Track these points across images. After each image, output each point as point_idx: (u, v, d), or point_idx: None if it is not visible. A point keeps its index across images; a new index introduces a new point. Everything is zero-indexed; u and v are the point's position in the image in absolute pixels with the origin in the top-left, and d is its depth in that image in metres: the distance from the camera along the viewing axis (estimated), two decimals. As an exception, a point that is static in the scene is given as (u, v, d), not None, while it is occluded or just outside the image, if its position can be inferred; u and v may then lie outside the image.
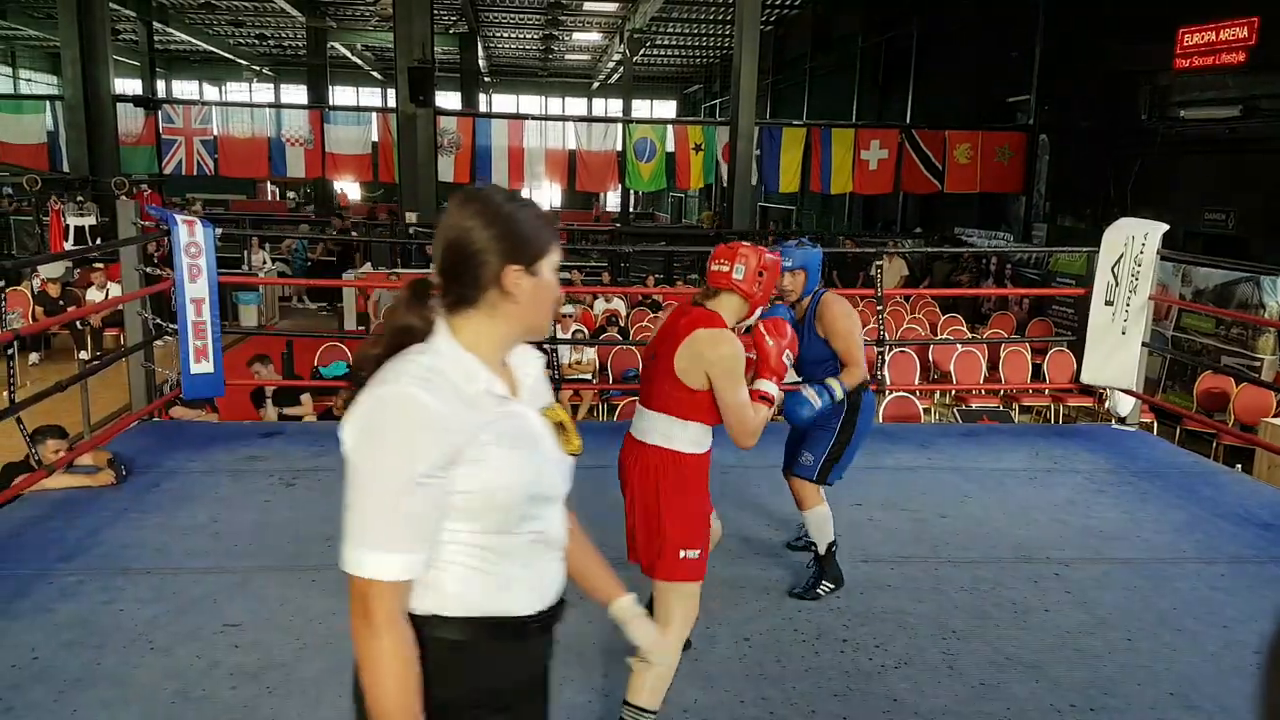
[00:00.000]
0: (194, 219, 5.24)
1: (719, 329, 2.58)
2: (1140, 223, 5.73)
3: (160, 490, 4.48)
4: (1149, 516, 4.54)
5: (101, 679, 2.90)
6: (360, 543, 1.30)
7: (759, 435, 2.63)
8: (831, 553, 3.60)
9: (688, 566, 2.59)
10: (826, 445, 3.56)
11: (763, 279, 2.70)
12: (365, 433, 1.31)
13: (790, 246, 3.61)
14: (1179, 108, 12.86)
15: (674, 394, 2.59)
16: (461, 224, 1.39)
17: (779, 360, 2.67)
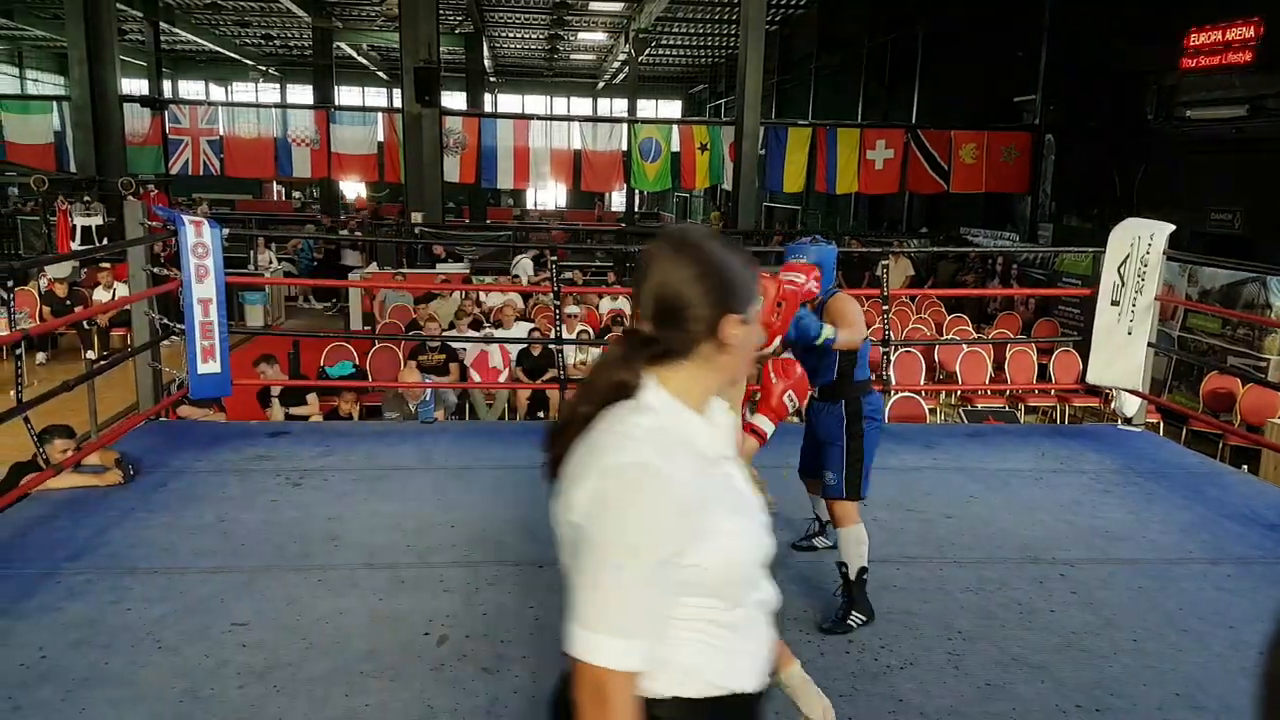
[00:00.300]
0: (201, 219, 5.26)
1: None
2: (1146, 223, 5.72)
3: (167, 490, 4.50)
4: (1155, 517, 4.53)
5: (109, 678, 2.91)
6: (597, 627, 1.21)
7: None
8: (863, 580, 3.40)
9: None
10: (842, 459, 3.49)
11: (781, 310, 2.70)
12: (606, 508, 1.22)
13: (804, 244, 3.58)
14: (1185, 107, 12.83)
15: None
16: (677, 273, 1.32)
17: (780, 400, 2.68)
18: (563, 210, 36.96)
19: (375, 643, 3.17)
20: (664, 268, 1.34)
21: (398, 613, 3.37)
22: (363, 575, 3.65)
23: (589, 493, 1.24)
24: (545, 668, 3.06)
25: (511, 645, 3.19)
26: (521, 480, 4.79)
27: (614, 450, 1.26)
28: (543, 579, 3.68)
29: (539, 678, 3.00)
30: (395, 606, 3.41)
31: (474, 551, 3.94)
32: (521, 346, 8.72)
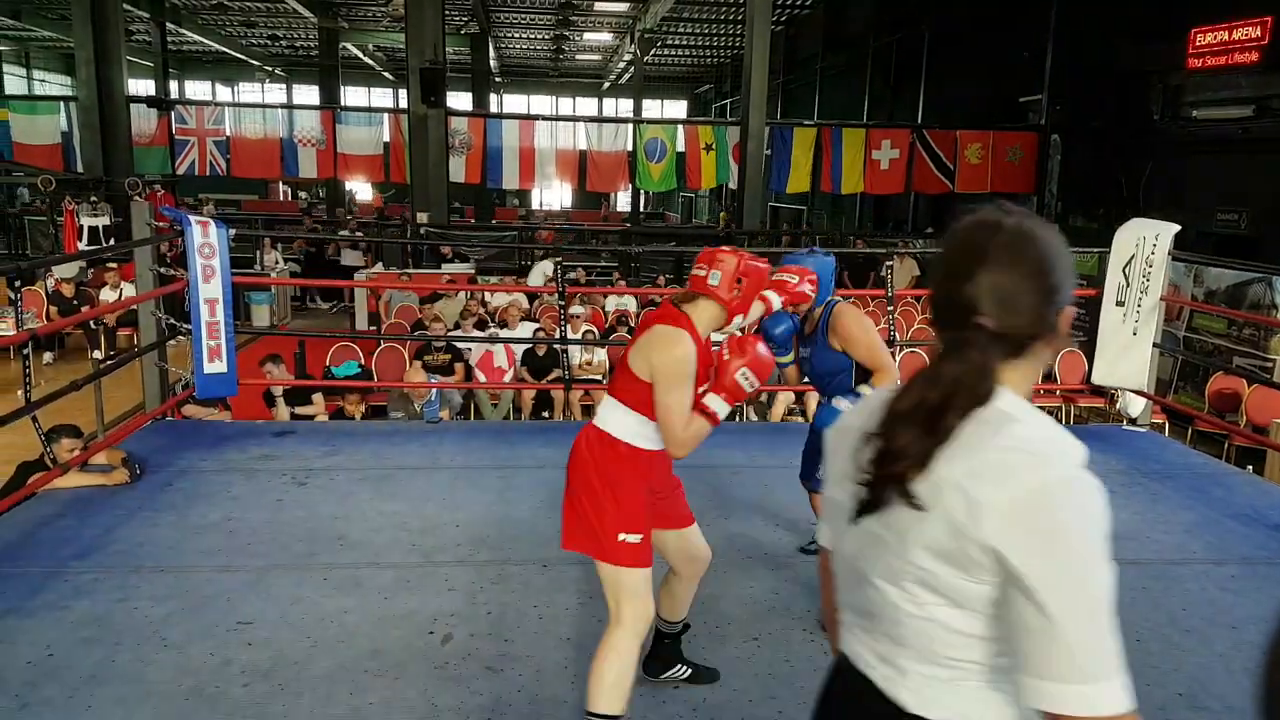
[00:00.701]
0: (207, 220, 5.28)
1: (677, 329, 2.53)
2: (1151, 223, 5.72)
3: (173, 489, 4.52)
4: (1159, 517, 4.53)
5: (116, 676, 2.93)
6: (1098, 674, 1.08)
7: (690, 448, 2.57)
8: None
9: (629, 550, 2.53)
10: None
11: (741, 285, 2.62)
12: (1068, 533, 1.10)
13: (801, 255, 3.53)
14: (1191, 108, 12.81)
15: (624, 382, 2.58)
16: (1025, 264, 1.21)
17: (734, 380, 2.54)
18: (568, 210, 36.99)
19: (380, 641, 3.18)
20: (1008, 257, 1.21)
21: (402, 612, 3.38)
22: (367, 574, 3.67)
23: (1026, 517, 1.10)
24: (549, 667, 3.07)
25: (515, 644, 3.20)
26: (526, 480, 4.81)
27: (1042, 466, 1.13)
28: (546, 578, 3.70)
29: (542, 677, 3.01)
30: (400, 605, 3.42)
31: (478, 551, 3.96)
32: (527, 347, 8.73)
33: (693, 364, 2.51)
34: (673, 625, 2.99)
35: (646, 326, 2.62)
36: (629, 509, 2.55)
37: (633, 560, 2.54)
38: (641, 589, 2.56)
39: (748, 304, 2.66)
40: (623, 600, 2.55)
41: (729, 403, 2.57)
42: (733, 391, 2.55)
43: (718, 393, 2.56)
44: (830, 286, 3.52)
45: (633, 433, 2.58)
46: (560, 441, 5.47)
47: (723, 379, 2.55)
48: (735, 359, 2.54)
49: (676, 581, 2.93)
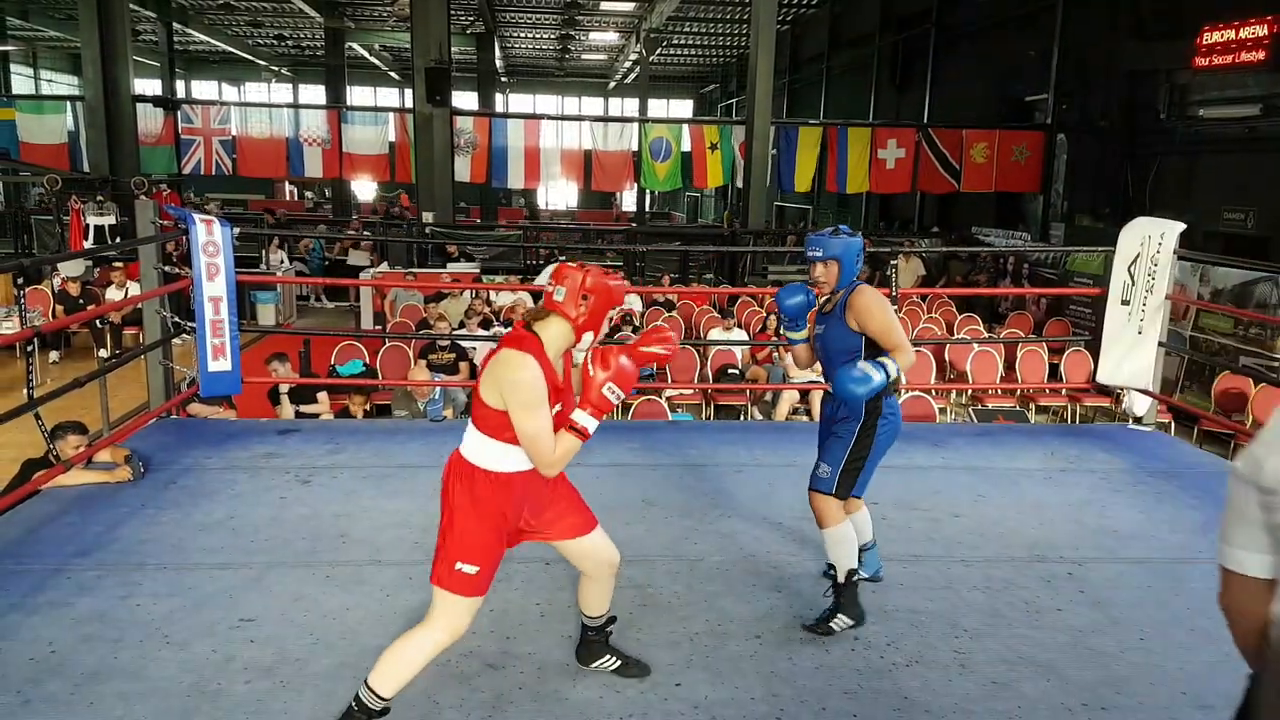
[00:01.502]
0: (212, 218, 5.29)
1: (520, 354, 2.49)
2: (1157, 222, 5.69)
3: (177, 487, 4.52)
4: (1164, 517, 4.51)
5: (118, 673, 2.93)
6: None
7: (561, 466, 2.57)
8: (854, 582, 3.29)
9: (462, 580, 2.54)
10: (843, 454, 3.32)
11: (587, 303, 2.56)
12: None
13: (824, 235, 3.40)
14: (1198, 106, 12.77)
15: (480, 408, 2.56)
16: None
17: (600, 395, 2.53)
18: (574, 210, 36.99)
19: (382, 638, 3.17)
20: None
21: (405, 609, 3.38)
22: (370, 572, 3.66)
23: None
24: (550, 664, 3.07)
25: (517, 641, 3.20)
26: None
27: None
28: (548, 575, 3.69)
29: (544, 674, 3.01)
30: (402, 603, 3.42)
31: (481, 549, 3.95)
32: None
33: (541, 386, 2.48)
34: (595, 619, 2.99)
35: (499, 349, 2.59)
36: (473, 540, 2.55)
37: (462, 589, 2.55)
38: (455, 614, 2.57)
39: (597, 320, 2.61)
40: (441, 612, 2.57)
41: (596, 417, 2.56)
42: (599, 405, 2.54)
43: (584, 408, 2.56)
44: (854, 269, 3.41)
45: (494, 459, 2.58)
46: (564, 440, 5.49)
47: (588, 394, 2.55)
48: (599, 372, 2.54)
49: (588, 581, 2.91)
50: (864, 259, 3.43)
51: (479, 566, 2.55)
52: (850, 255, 3.36)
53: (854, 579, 3.28)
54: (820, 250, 3.35)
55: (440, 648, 2.60)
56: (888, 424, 3.36)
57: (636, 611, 3.41)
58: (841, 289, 3.38)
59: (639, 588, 3.60)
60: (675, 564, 3.82)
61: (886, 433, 3.37)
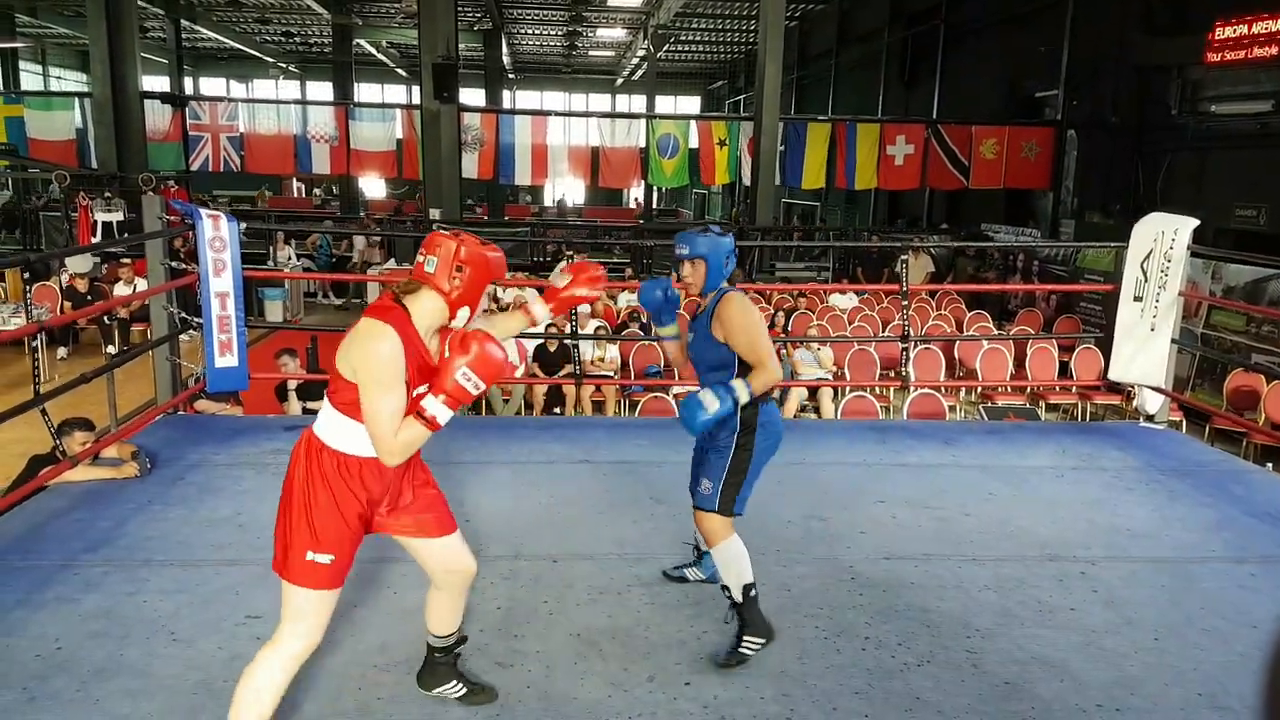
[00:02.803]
0: (218, 214, 5.27)
1: (380, 324, 2.28)
2: (1170, 218, 5.64)
3: (184, 483, 4.51)
4: (1177, 515, 4.47)
5: (124, 669, 2.92)
6: None
7: (403, 456, 2.36)
8: (752, 597, 3.06)
9: (314, 571, 2.33)
10: (723, 469, 3.08)
11: (462, 275, 2.34)
12: None
13: (692, 233, 3.14)
14: (1210, 102, 12.69)
15: (334, 383, 2.37)
16: None
17: (455, 381, 2.27)
18: (579, 207, 36.96)
19: (388, 636, 3.16)
20: None
21: (411, 607, 3.35)
22: (377, 570, 3.64)
23: None
24: (559, 663, 3.04)
25: (525, 640, 3.18)
26: (537, 476, 4.79)
27: None
28: (556, 574, 3.67)
29: (552, 673, 2.98)
30: (408, 601, 3.40)
31: (489, 546, 3.93)
32: (538, 343, 8.71)
33: (398, 362, 2.27)
34: (443, 639, 2.78)
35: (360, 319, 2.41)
36: (323, 525, 2.35)
37: (312, 581, 2.34)
38: (311, 611, 2.37)
39: (473, 295, 2.39)
40: (287, 615, 2.37)
41: (450, 406, 2.31)
42: (454, 394, 2.29)
43: (436, 394, 2.30)
44: (722, 271, 3.13)
45: (344, 439, 2.38)
46: (572, 438, 5.46)
47: (442, 380, 2.29)
48: (457, 356, 2.29)
49: (436, 593, 2.72)
50: (735, 260, 3.18)
51: (333, 555, 2.35)
52: (718, 255, 3.11)
53: (751, 594, 3.06)
54: (686, 248, 3.11)
55: (298, 661, 2.39)
56: (766, 434, 3.11)
57: (644, 610, 3.39)
58: (710, 291, 3.16)
59: (646, 586, 3.58)
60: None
61: (766, 444, 3.12)
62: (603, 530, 4.13)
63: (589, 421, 7.29)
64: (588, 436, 5.53)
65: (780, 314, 10.56)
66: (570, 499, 4.48)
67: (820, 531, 4.12)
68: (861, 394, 7.33)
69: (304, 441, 2.44)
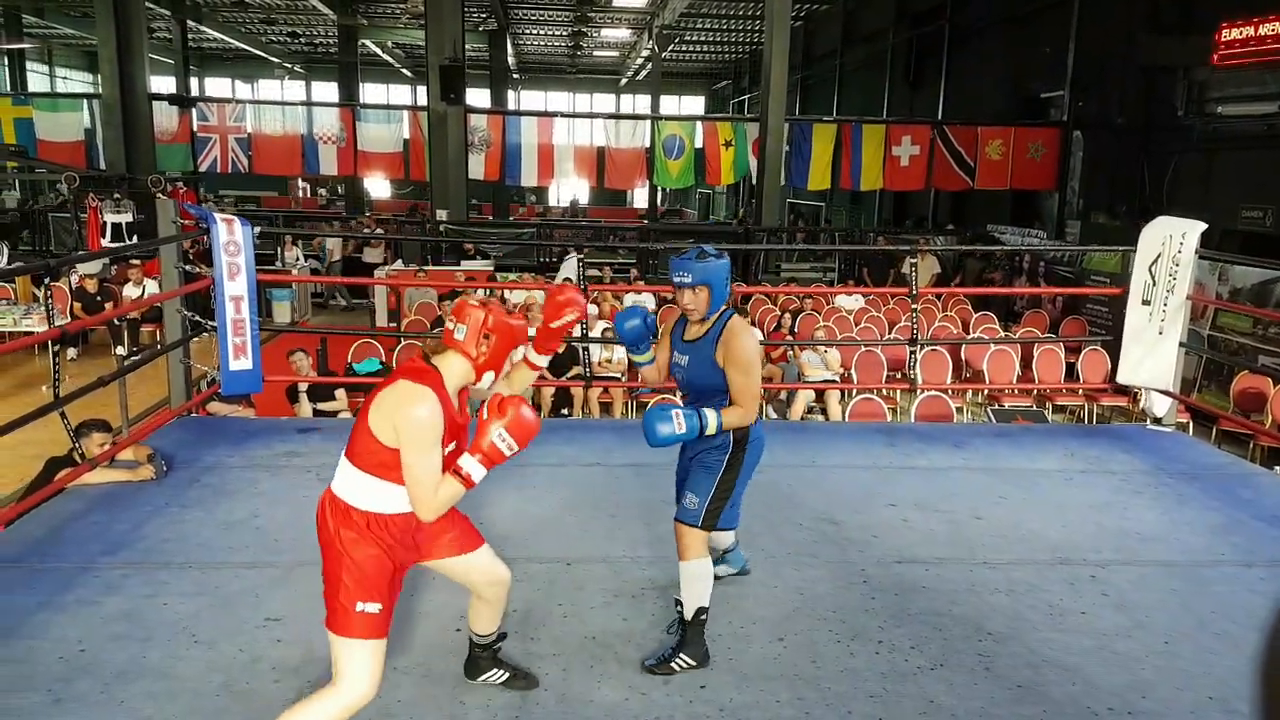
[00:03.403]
0: (232, 217, 5.31)
1: (421, 387, 2.38)
2: (1178, 221, 5.66)
3: (200, 485, 4.55)
4: (1186, 519, 4.49)
5: (147, 672, 2.96)
6: None
7: (440, 512, 2.47)
8: (700, 622, 3.06)
9: (365, 622, 2.42)
10: (712, 485, 3.09)
11: (489, 342, 2.48)
12: None
13: (688, 259, 3.10)
14: (1217, 104, 12.69)
15: (363, 444, 2.43)
16: None
17: (491, 442, 2.41)
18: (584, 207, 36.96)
19: (406, 638, 3.20)
20: None
21: (428, 609, 3.39)
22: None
23: None
24: (575, 665, 3.08)
25: (541, 643, 3.21)
26: (548, 478, 4.82)
27: None
28: (570, 577, 3.70)
29: (569, 675, 3.02)
30: (425, 603, 3.43)
31: (502, 548, 3.92)
32: (546, 344, 8.72)
33: (440, 424, 2.38)
34: (485, 637, 2.91)
35: (392, 376, 2.49)
36: (365, 576, 2.44)
37: (365, 631, 2.42)
38: (366, 661, 2.43)
39: (498, 361, 2.53)
40: (344, 666, 2.43)
41: (485, 466, 2.44)
42: (489, 455, 2.42)
43: (473, 454, 2.43)
44: (724, 294, 3.13)
45: (373, 499, 2.46)
46: (581, 439, 5.49)
47: (480, 440, 2.42)
48: (494, 420, 2.41)
49: (481, 603, 2.85)
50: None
51: (381, 604, 2.45)
52: (720, 279, 3.10)
53: (701, 618, 3.06)
54: (689, 276, 3.07)
55: (350, 712, 2.42)
56: (753, 453, 3.16)
57: (659, 613, 3.42)
58: (713, 314, 3.13)
59: (661, 589, 3.60)
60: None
61: (752, 460, 3.17)
62: (616, 533, 4.16)
63: (599, 424, 7.32)
64: (598, 439, 5.56)
65: (787, 315, 10.58)
66: (582, 502, 4.51)
67: (832, 535, 4.15)
68: (869, 396, 7.35)
69: (327, 505, 2.51)
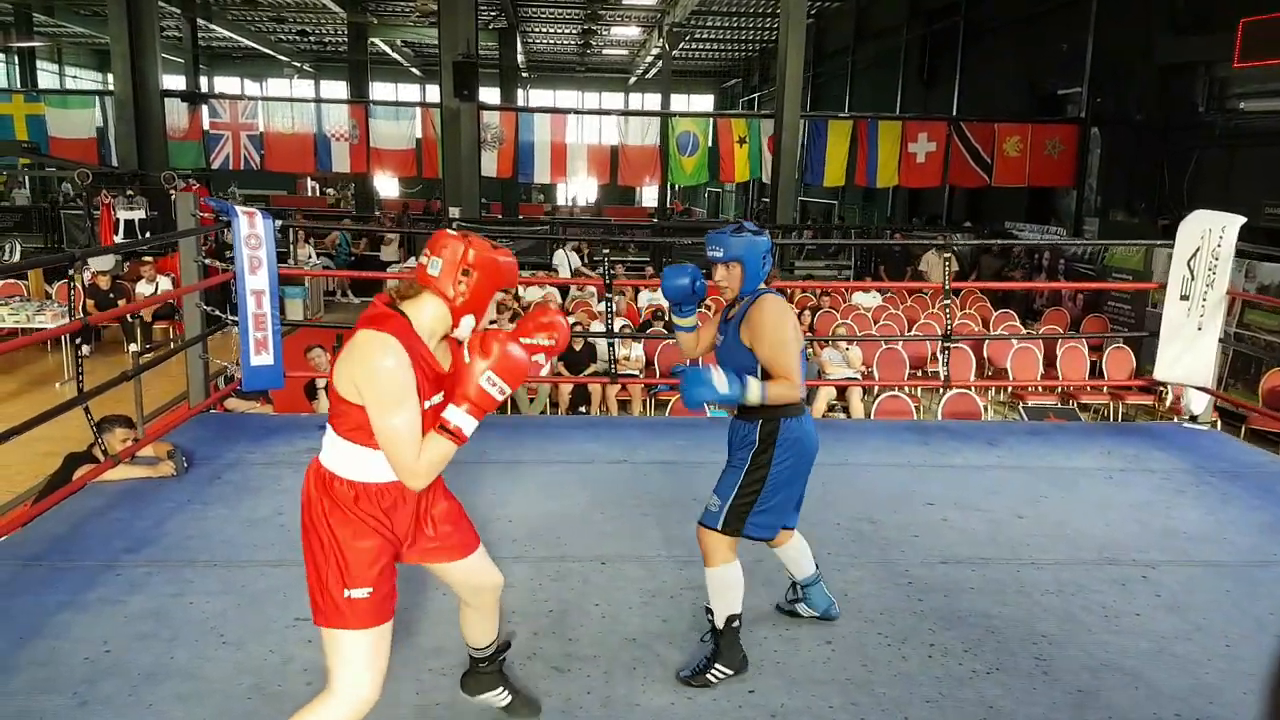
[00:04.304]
0: (254, 210, 5.22)
1: (379, 334, 2.06)
2: (1217, 215, 5.55)
3: (222, 482, 4.46)
4: (1231, 518, 4.38)
5: (175, 673, 2.86)
6: None
7: (429, 477, 2.14)
8: (734, 629, 2.88)
9: (354, 608, 2.14)
10: (733, 487, 2.87)
11: (468, 279, 2.12)
12: None
13: (724, 233, 2.89)
14: (1239, 99, 12.54)
15: (335, 406, 2.16)
16: None
17: (478, 387, 2.08)
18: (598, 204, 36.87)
19: (441, 639, 3.10)
20: None
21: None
22: (419, 570, 3.58)
23: None
24: (617, 668, 2.97)
25: (580, 644, 3.11)
26: (574, 475, 4.72)
27: None
28: (606, 575, 3.61)
29: (611, 678, 2.92)
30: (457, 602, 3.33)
31: (533, 547, 3.87)
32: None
33: (406, 376, 2.06)
34: (483, 649, 2.65)
35: (354, 331, 2.15)
36: (353, 557, 2.15)
37: (357, 621, 2.15)
38: (363, 654, 2.17)
39: (480, 303, 2.17)
40: (337, 665, 2.17)
41: (475, 416, 2.10)
42: (478, 402, 2.09)
43: (459, 404, 2.10)
44: (759, 273, 2.90)
45: (355, 466, 2.17)
46: (605, 436, 5.40)
47: (465, 387, 2.09)
48: (478, 361, 2.09)
49: (469, 610, 2.56)
50: (771, 260, 2.93)
51: (372, 587, 2.16)
52: (755, 255, 2.87)
53: (734, 625, 2.88)
54: (721, 250, 2.87)
55: (356, 715, 2.17)
56: (789, 452, 2.86)
57: (699, 614, 3.30)
58: (746, 295, 2.92)
59: (698, 589, 3.47)
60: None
61: (792, 463, 2.88)
62: (649, 531, 4.06)
63: (623, 421, 7.22)
64: (624, 436, 5.46)
65: (806, 312, 10.47)
66: (612, 499, 4.41)
67: (871, 535, 4.04)
68: (895, 394, 7.24)
69: (312, 475, 2.23)
